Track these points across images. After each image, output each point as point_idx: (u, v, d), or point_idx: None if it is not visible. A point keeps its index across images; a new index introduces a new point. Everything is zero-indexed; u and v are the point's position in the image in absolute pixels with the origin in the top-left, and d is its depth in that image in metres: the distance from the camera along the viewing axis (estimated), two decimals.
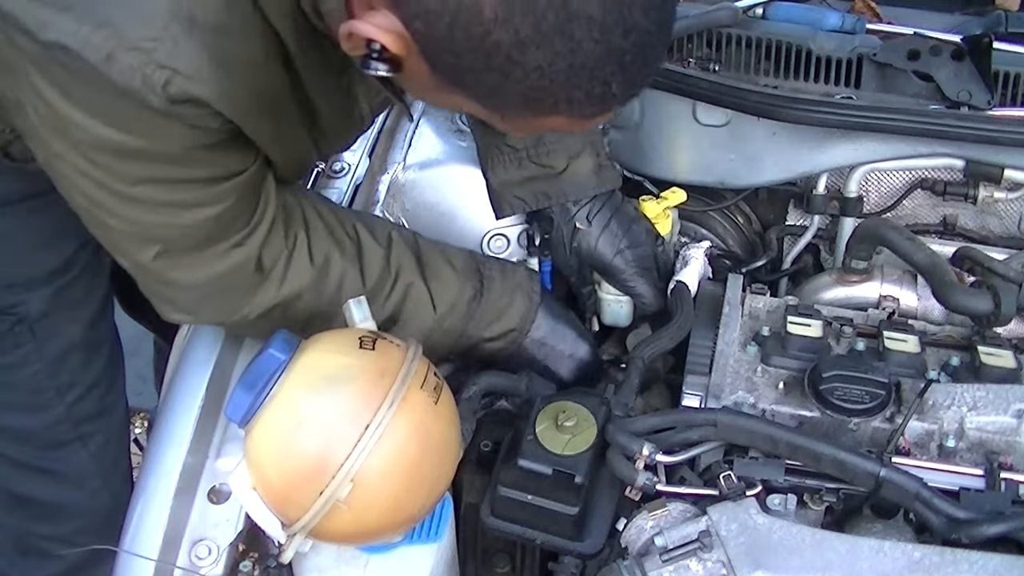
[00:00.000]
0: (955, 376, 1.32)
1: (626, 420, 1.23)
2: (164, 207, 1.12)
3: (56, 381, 1.50)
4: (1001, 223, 1.67)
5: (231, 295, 1.22)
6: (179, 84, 0.99)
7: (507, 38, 0.87)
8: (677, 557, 1.08)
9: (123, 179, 1.08)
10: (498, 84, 0.91)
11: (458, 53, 0.90)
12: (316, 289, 1.25)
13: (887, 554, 1.08)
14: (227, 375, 1.33)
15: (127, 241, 1.16)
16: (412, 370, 1.12)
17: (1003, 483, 1.16)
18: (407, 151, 1.61)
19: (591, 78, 0.90)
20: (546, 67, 0.89)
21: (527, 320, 1.39)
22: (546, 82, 0.90)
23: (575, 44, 0.88)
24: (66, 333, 1.49)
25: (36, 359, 1.48)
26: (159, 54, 0.98)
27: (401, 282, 1.31)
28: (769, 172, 1.67)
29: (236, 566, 1.22)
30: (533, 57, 0.88)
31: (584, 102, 0.93)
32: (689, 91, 1.61)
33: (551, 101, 0.92)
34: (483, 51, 0.89)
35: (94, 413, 1.57)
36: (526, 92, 0.91)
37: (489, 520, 1.22)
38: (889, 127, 1.52)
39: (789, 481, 1.18)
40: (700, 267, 1.54)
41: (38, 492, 1.60)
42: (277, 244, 1.22)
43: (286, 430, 1.09)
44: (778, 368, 1.32)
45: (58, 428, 1.54)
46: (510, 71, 0.89)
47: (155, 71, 0.98)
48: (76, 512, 1.61)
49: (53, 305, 1.45)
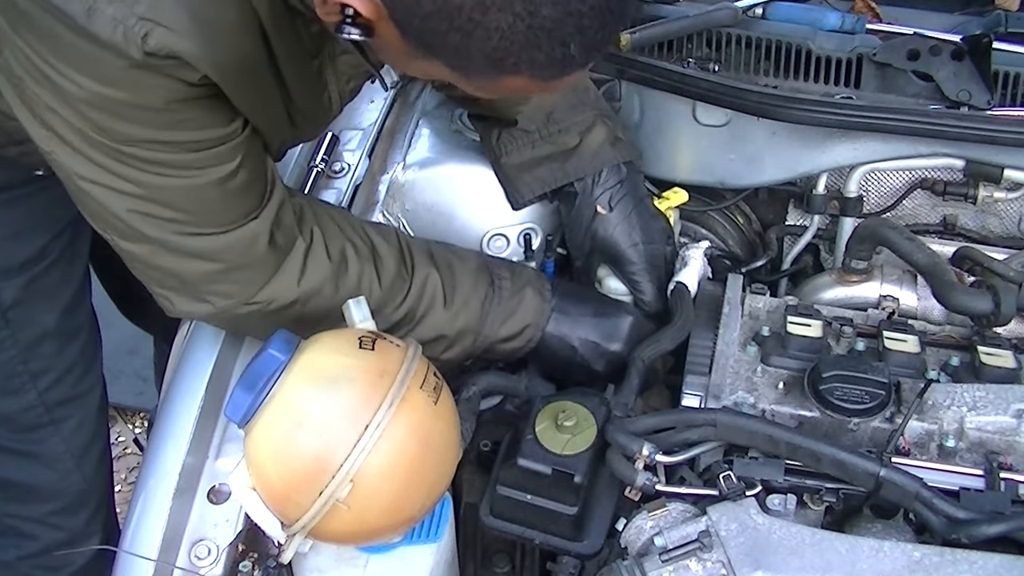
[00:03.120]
0: (955, 376, 1.32)
1: (626, 420, 1.23)
2: (161, 167, 1.13)
3: (29, 367, 1.53)
4: (1001, 223, 1.67)
5: (245, 272, 1.22)
6: (158, 37, 1.02)
7: (469, 1, 0.91)
8: (677, 557, 1.08)
9: (116, 137, 1.10)
10: (462, 44, 0.94)
11: (423, 16, 0.94)
12: (334, 285, 1.26)
13: (887, 554, 1.08)
14: (227, 375, 1.33)
15: (138, 219, 1.16)
16: (412, 370, 1.12)
17: (1003, 483, 1.16)
18: (407, 151, 1.61)
19: (550, 39, 0.93)
20: (506, 28, 0.92)
21: (541, 316, 1.39)
22: (507, 43, 0.93)
23: (533, 7, 0.91)
24: (40, 321, 1.52)
25: (10, 345, 1.51)
26: (140, 7, 1.01)
27: (416, 282, 1.32)
28: (769, 172, 1.67)
29: (236, 566, 1.22)
30: (494, 18, 0.91)
31: (544, 63, 0.96)
32: (689, 91, 1.61)
33: (512, 61, 0.95)
34: (447, 13, 0.92)
35: (68, 397, 1.59)
36: (489, 52, 0.94)
37: (488, 520, 1.22)
38: (889, 127, 1.52)
39: (789, 481, 1.18)
40: (700, 267, 1.54)
41: (11, 473, 1.63)
42: (290, 226, 1.23)
43: (286, 430, 1.09)
44: (778, 368, 1.32)
45: (31, 412, 1.57)
46: (472, 31, 0.93)
47: (136, 23, 1.01)
48: (49, 493, 1.63)
49: (27, 293, 1.47)
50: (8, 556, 1.70)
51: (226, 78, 1.09)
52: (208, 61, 1.06)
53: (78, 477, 1.47)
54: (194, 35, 1.04)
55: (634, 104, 1.69)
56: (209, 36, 1.05)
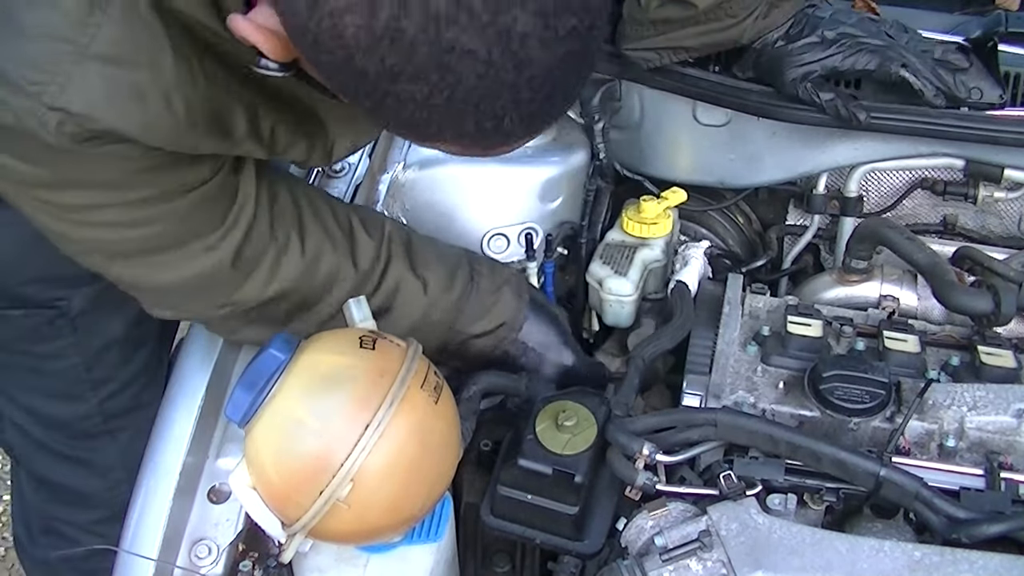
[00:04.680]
0: (955, 376, 1.32)
1: (626, 420, 1.23)
2: (120, 226, 1.09)
3: (92, 375, 1.50)
4: (1001, 223, 1.67)
5: (211, 292, 1.21)
6: (74, 123, 0.95)
7: (373, 68, 0.80)
8: (677, 557, 1.08)
9: (70, 208, 1.07)
10: (374, 107, 0.85)
11: (329, 73, 0.85)
12: (306, 282, 1.25)
13: (887, 554, 1.08)
14: (227, 375, 1.33)
15: (91, 255, 1.15)
16: (412, 369, 1.12)
17: (1003, 483, 1.16)
18: (407, 150, 1.61)
19: (478, 112, 0.82)
20: (420, 100, 0.81)
21: (516, 317, 1.38)
22: (424, 114, 0.83)
23: (455, 77, 0.80)
24: (107, 330, 1.48)
25: (74, 352, 1.47)
26: (47, 97, 0.94)
27: (391, 273, 1.31)
28: (769, 172, 1.67)
29: (236, 566, 1.22)
30: (405, 89, 0.81)
31: (475, 134, 0.85)
32: (689, 91, 1.61)
33: (434, 129, 0.85)
34: (351, 76, 0.82)
35: (127, 408, 1.57)
36: (405, 119, 0.85)
37: (489, 520, 1.22)
38: (889, 127, 1.52)
39: (789, 481, 1.18)
40: (700, 267, 1.54)
41: (63, 478, 1.62)
42: (260, 241, 1.20)
43: (286, 430, 1.09)
44: (778, 368, 1.32)
45: (89, 420, 1.54)
46: (382, 100, 0.83)
47: (46, 113, 0.94)
48: (98, 502, 1.61)
49: (96, 303, 1.44)
50: (47, 555, 1.69)
51: (184, 139, 1.01)
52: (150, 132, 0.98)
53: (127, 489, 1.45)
54: (125, 112, 0.96)
55: (634, 104, 1.69)
56: (147, 106, 0.97)
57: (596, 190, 1.69)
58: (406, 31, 0.78)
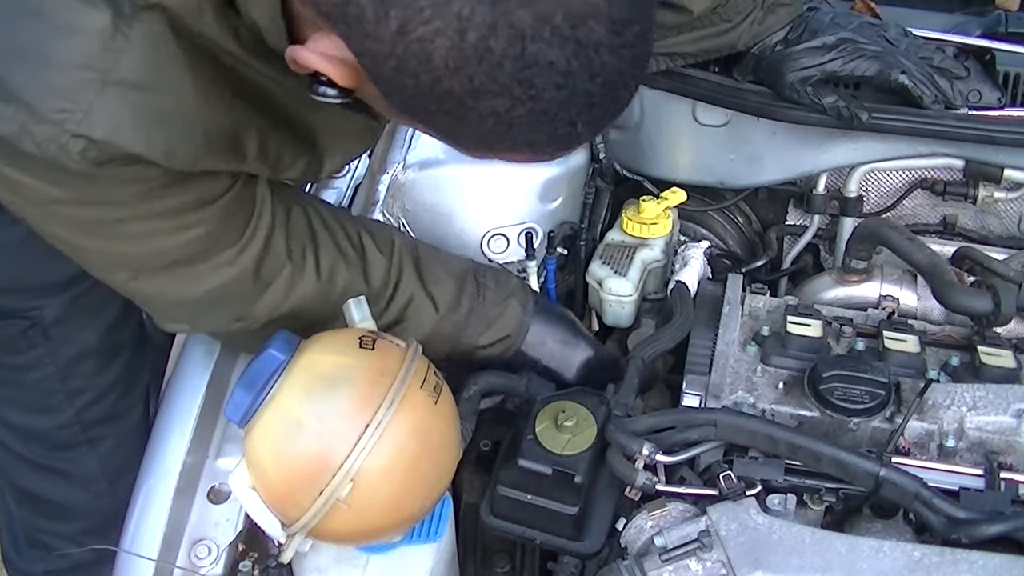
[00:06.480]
0: (955, 376, 1.32)
1: (626, 420, 1.23)
2: (140, 238, 1.10)
3: (67, 385, 1.49)
4: (1001, 223, 1.67)
5: (228, 306, 1.21)
6: (97, 150, 0.96)
7: (459, 87, 0.83)
8: (677, 557, 1.08)
9: (88, 223, 1.07)
10: (452, 125, 0.88)
11: (408, 96, 0.86)
12: (321, 301, 1.25)
13: (887, 554, 1.08)
14: (227, 375, 1.33)
15: (108, 268, 1.15)
16: (412, 369, 1.12)
17: (1003, 483, 1.16)
18: (407, 151, 1.61)
19: (554, 122, 0.86)
20: (502, 113, 0.84)
21: (521, 328, 1.38)
22: (503, 127, 0.86)
23: (536, 91, 0.83)
24: (81, 339, 1.48)
25: (48, 362, 1.47)
26: (71, 124, 0.95)
27: (402, 290, 1.31)
28: (769, 172, 1.67)
29: (236, 566, 1.22)
30: (489, 104, 0.84)
31: (546, 143, 0.89)
32: (689, 91, 1.61)
33: (509, 143, 0.88)
34: (434, 97, 0.85)
35: (105, 417, 1.56)
36: (483, 134, 0.87)
37: (489, 520, 1.22)
38: (889, 127, 1.52)
39: (789, 481, 1.18)
40: (700, 267, 1.54)
41: (44, 490, 1.61)
42: (277, 257, 1.20)
43: (286, 430, 1.09)
44: (778, 368, 1.32)
45: (67, 430, 1.53)
46: (464, 115, 0.85)
47: (69, 140, 0.95)
48: (81, 513, 1.61)
49: (69, 311, 1.43)
50: (36, 569, 1.68)
51: (200, 160, 1.02)
52: (168, 155, 1.00)
53: (112, 498, 1.45)
54: (146, 136, 0.97)
55: (634, 104, 1.69)
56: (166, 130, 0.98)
57: (596, 190, 1.69)
58: (494, 50, 0.81)
